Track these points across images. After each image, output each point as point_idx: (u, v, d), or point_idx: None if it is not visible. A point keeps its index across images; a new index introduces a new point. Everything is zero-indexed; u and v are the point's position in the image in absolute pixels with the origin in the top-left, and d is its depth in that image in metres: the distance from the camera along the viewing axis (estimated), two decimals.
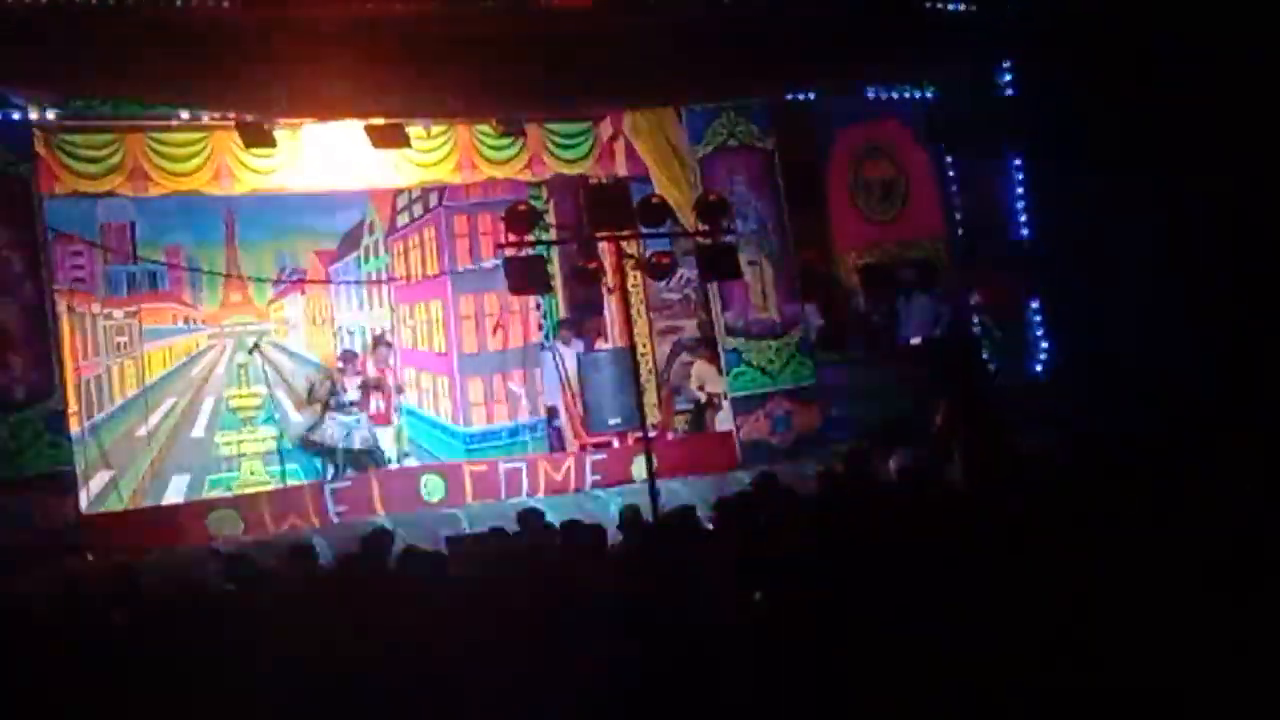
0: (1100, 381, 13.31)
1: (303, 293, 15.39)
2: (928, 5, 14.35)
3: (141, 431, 14.21)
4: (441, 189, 15.43)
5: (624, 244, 12.64)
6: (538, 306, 15.98)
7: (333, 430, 14.35)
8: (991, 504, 7.53)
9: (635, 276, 14.67)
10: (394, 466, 14.52)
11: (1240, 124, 12.66)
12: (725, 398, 14.87)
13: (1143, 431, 9.81)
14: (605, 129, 15.08)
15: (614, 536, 8.86)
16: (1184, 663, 4.87)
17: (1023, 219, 15.69)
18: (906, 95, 15.75)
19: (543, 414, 15.72)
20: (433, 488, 13.47)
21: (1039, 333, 15.42)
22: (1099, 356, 13.78)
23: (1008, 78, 15.55)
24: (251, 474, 14.57)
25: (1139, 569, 5.55)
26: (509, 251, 12.00)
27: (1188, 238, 13.16)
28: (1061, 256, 15.00)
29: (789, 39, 13.29)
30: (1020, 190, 15.67)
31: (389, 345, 15.14)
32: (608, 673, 5.57)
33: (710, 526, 8.44)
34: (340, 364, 14.72)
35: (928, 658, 5.16)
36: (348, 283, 15.66)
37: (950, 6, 14.32)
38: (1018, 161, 15.56)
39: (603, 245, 13.51)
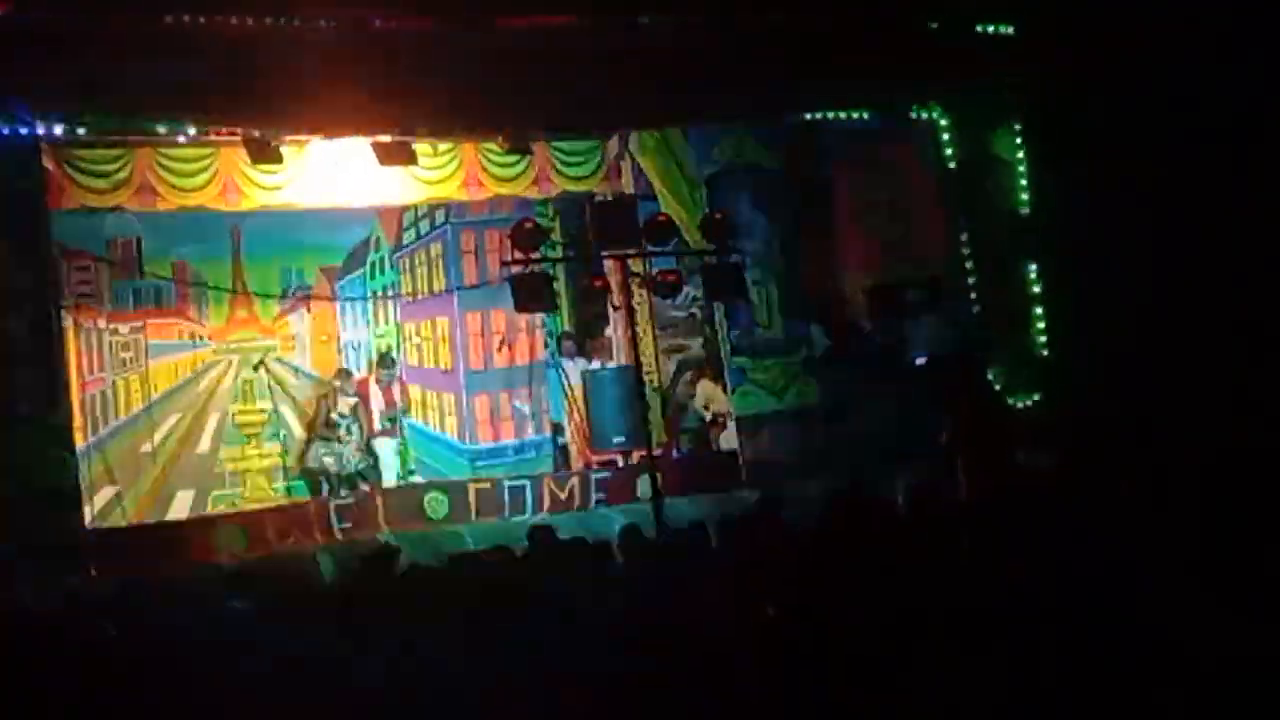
0: (1104, 397, 13.29)
1: (308, 309, 15.39)
2: (932, 25, 14.35)
3: (146, 447, 14.21)
4: (448, 206, 15.44)
5: (630, 262, 12.66)
6: (543, 324, 15.98)
7: (323, 456, 14.33)
8: (996, 520, 7.52)
9: (641, 295, 14.68)
10: (399, 483, 14.52)
11: (1242, 138, 12.65)
12: (730, 416, 14.86)
13: (1145, 445, 9.82)
14: (612, 147, 15.11)
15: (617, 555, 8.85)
16: (1186, 667, 4.87)
17: (1029, 237, 15.68)
18: (913, 115, 15.75)
19: (548, 431, 15.72)
20: (437, 505, 13.47)
21: (1043, 351, 15.38)
22: (1103, 372, 13.75)
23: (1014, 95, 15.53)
24: (256, 490, 14.57)
25: (1141, 577, 5.55)
26: (515, 269, 12.02)
27: (1196, 253, 13.13)
28: (1067, 272, 14.97)
29: (792, 60, 13.29)
30: (1026, 210, 15.65)
31: (393, 363, 15.13)
32: (611, 691, 5.56)
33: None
34: (336, 382, 14.72)
35: (933, 675, 5.15)
36: (353, 299, 15.67)
37: (957, 26, 14.32)
38: (1024, 181, 15.53)
39: (609, 263, 13.52)
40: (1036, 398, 15.03)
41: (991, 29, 14.54)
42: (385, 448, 14.71)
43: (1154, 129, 13.14)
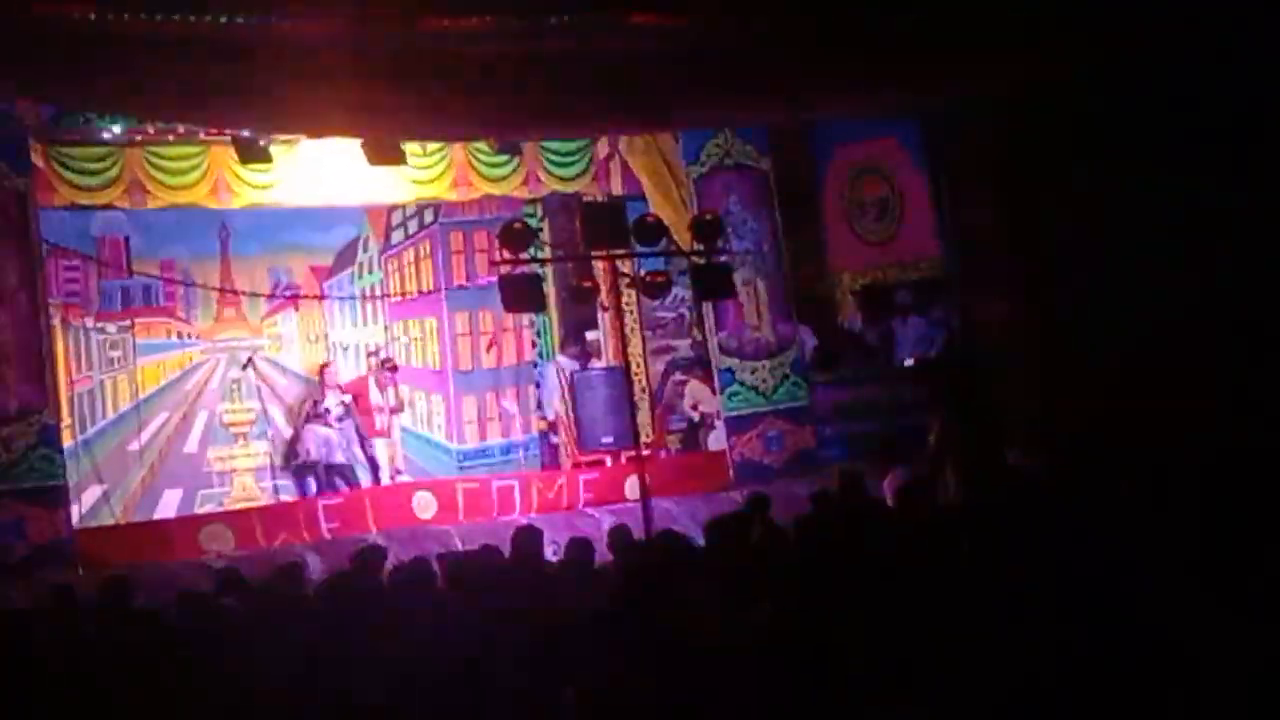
0: (1094, 399, 13.28)
1: (297, 308, 15.39)
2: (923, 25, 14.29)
3: (134, 446, 14.18)
4: (437, 206, 15.44)
5: (619, 262, 12.64)
6: (531, 324, 15.98)
7: (311, 443, 14.29)
8: (985, 522, 7.53)
9: (630, 295, 14.67)
10: (386, 483, 14.50)
11: (1242, 138, 12.64)
12: (719, 417, 14.86)
13: (1135, 444, 9.83)
14: (601, 147, 15.10)
15: (604, 556, 8.86)
16: (1185, 667, 4.88)
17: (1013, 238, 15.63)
18: (903, 115, 15.70)
19: (535, 432, 15.74)
20: (425, 504, 13.45)
21: (1031, 349, 15.36)
22: (1091, 373, 13.74)
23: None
24: (244, 489, 14.55)
25: (1141, 577, 5.55)
26: (504, 269, 12.01)
27: (1195, 253, 13.12)
28: (1054, 273, 14.94)
29: (777, 67, 13.24)
30: (1010, 210, 15.60)
31: (395, 369, 15.08)
32: (598, 691, 5.56)
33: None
34: (315, 377, 14.70)
35: (931, 675, 5.15)
36: (342, 298, 15.66)
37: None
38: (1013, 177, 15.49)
39: (598, 263, 13.51)
40: (1026, 399, 15.00)
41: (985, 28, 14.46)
42: (380, 449, 14.69)
43: (1153, 128, 13.11)
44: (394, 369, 15.06)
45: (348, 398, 14.58)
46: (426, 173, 14.25)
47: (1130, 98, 13.07)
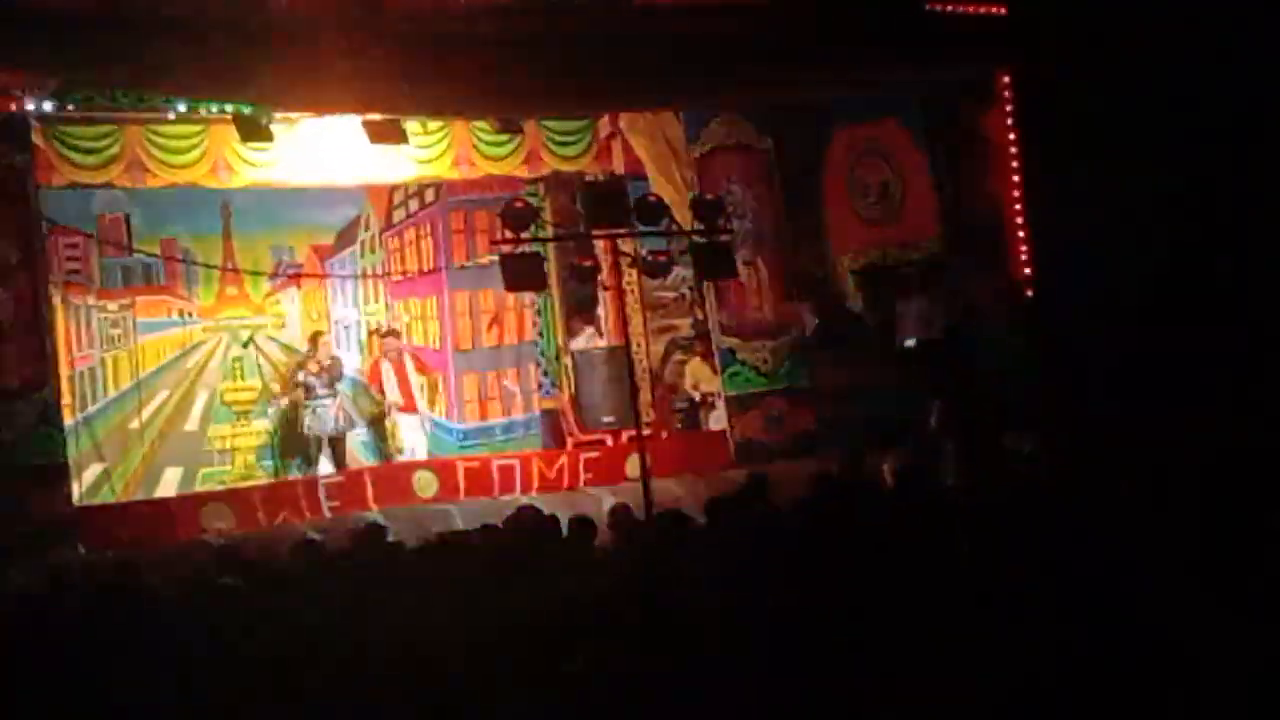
0: (1093, 380, 13.29)
1: (298, 287, 15.39)
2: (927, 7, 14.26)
3: (135, 424, 14.20)
4: (439, 185, 15.44)
5: (620, 242, 12.64)
6: (532, 304, 15.99)
7: (310, 419, 14.27)
8: (985, 520, 7.53)
9: (631, 275, 14.67)
10: (394, 460, 14.54)
11: (1242, 138, 12.64)
12: (719, 397, 14.88)
13: (1133, 427, 9.82)
14: (603, 126, 15.10)
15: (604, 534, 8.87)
16: (1185, 667, 4.88)
17: (1019, 220, 15.61)
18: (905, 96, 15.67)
19: (537, 410, 15.76)
20: (426, 483, 13.49)
21: (1033, 332, 15.35)
22: (1092, 355, 13.74)
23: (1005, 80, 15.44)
24: (244, 468, 14.56)
25: (1141, 577, 5.56)
26: (505, 248, 12.00)
27: (1195, 252, 13.13)
28: (1054, 255, 14.94)
29: (783, 44, 13.21)
30: (1016, 192, 15.58)
31: (397, 334, 15.16)
32: (598, 670, 5.57)
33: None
34: (306, 347, 14.66)
35: (930, 673, 5.16)
36: (343, 277, 15.66)
37: (949, 8, 14.21)
38: (1015, 164, 15.47)
39: (599, 243, 13.52)
40: (1025, 384, 15.00)
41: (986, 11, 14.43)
42: (405, 425, 14.72)
43: (1153, 128, 13.10)
44: (395, 335, 15.11)
45: (344, 366, 14.55)
46: (428, 152, 14.24)
47: (1130, 98, 13.06)
